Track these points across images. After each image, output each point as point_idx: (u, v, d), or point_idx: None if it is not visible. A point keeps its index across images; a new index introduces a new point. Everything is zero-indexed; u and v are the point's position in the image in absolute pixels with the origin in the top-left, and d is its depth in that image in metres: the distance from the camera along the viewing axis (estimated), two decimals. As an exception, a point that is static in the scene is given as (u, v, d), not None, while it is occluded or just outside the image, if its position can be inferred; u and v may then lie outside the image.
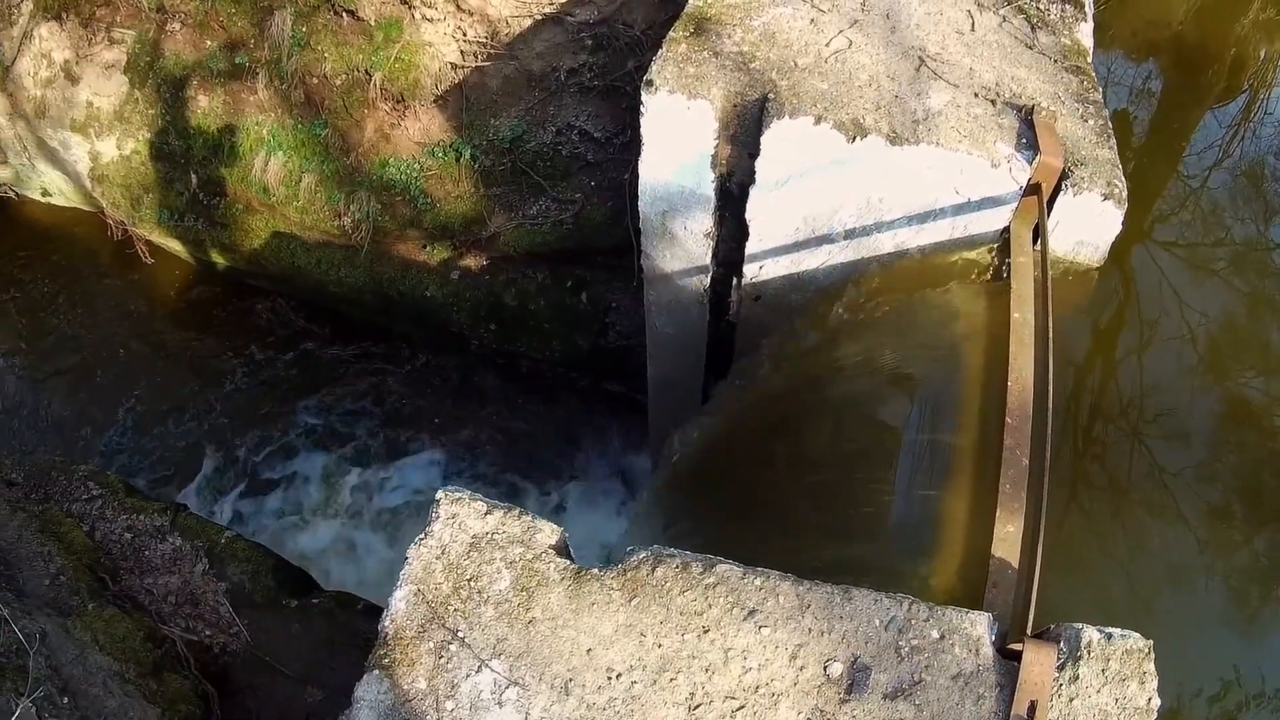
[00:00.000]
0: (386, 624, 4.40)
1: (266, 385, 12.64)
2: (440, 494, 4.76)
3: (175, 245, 13.21)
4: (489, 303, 10.46)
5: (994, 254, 6.34)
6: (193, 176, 11.76)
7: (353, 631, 8.39)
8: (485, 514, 4.63)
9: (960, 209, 6.16)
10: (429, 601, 4.40)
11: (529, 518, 4.62)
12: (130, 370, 13.40)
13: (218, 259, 12.75)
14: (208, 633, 8.36)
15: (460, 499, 4.70)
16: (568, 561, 4.50)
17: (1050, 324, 5.22)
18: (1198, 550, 8.53)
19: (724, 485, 7.80)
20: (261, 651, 8.23)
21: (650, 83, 6.28)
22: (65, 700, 6.32)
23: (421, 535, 4.65)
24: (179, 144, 11.72)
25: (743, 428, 7.59)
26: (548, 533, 4.57)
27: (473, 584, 4.44)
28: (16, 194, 15.93)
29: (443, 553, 4.54)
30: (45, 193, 15.59)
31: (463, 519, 4.63)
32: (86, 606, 7.60)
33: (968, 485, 5.24)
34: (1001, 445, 4.90)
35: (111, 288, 14.46)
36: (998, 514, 4.58)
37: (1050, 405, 4.89)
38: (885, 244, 6.57)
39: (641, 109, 6.45)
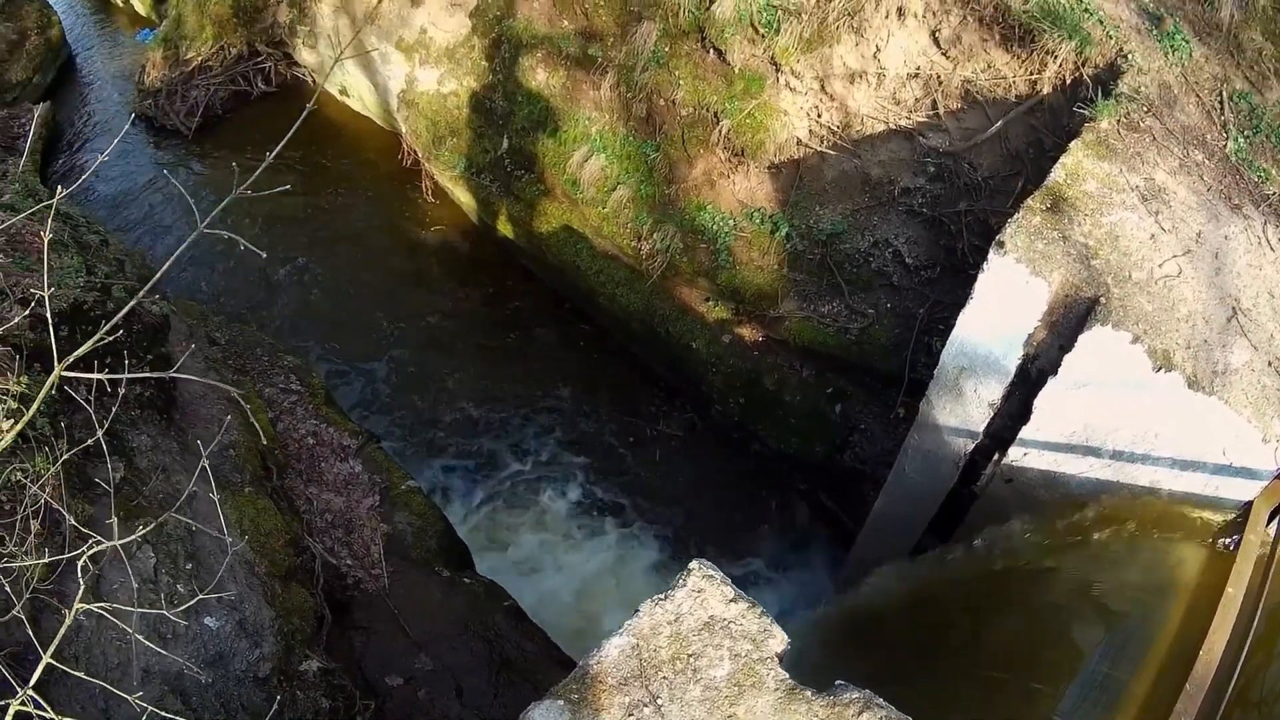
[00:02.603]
0: (591, 663, 4.97)
1: (507, 361, 13.99)
2: (694, 565, 5.34)
3: (462, 195, 14.66)
4: (747, 377, 11.55)
5: (1229, 522, 7.09)
6: (505, 141, 13.19)
7: (489, 623, 9.75)
8: (730, 600, 5.19)
9: (1219, 469, 7.05)
10: (642, 659, 4.96)
11: (767, 620, 5.15)
12: (374, 289, 14.90)
13: (500, 226, 14.12)
14: (349, 562, 9.85)
15: (711, 576, 5.29)
16: (786, 674, 4.98)
17: (1260, 610, 6.00)
18: None
19: (898, 635, 8.76)
20: (393, 602, 9.63)
21: (1001, 244, 7.21)
22: (188, 566, 7.49)
23: (661, 596, 5.22)
24: (502, 105, 13.15)
25: (937, 592, 8.50)
26: (779, 640, 5.08)
27: (692, 660, 4.96)
28: (314, 81, 17.93)
29: (676, 619, 5.12)
30: (344, 92, 17.60)
31: (707, 596, 5.22)
32: (244, 489, 9.00)
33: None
34: (1171, 708, 5.55)
35: (383, 206, 16.11)
36: (1143, 770, 5.13)
37: (1231, 689, 5.56)
38: (1141, 476, 7.44)
39: (984, 266, 7.36)
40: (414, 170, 15.45)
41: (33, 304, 7.35)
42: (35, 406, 4.70)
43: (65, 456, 5.90)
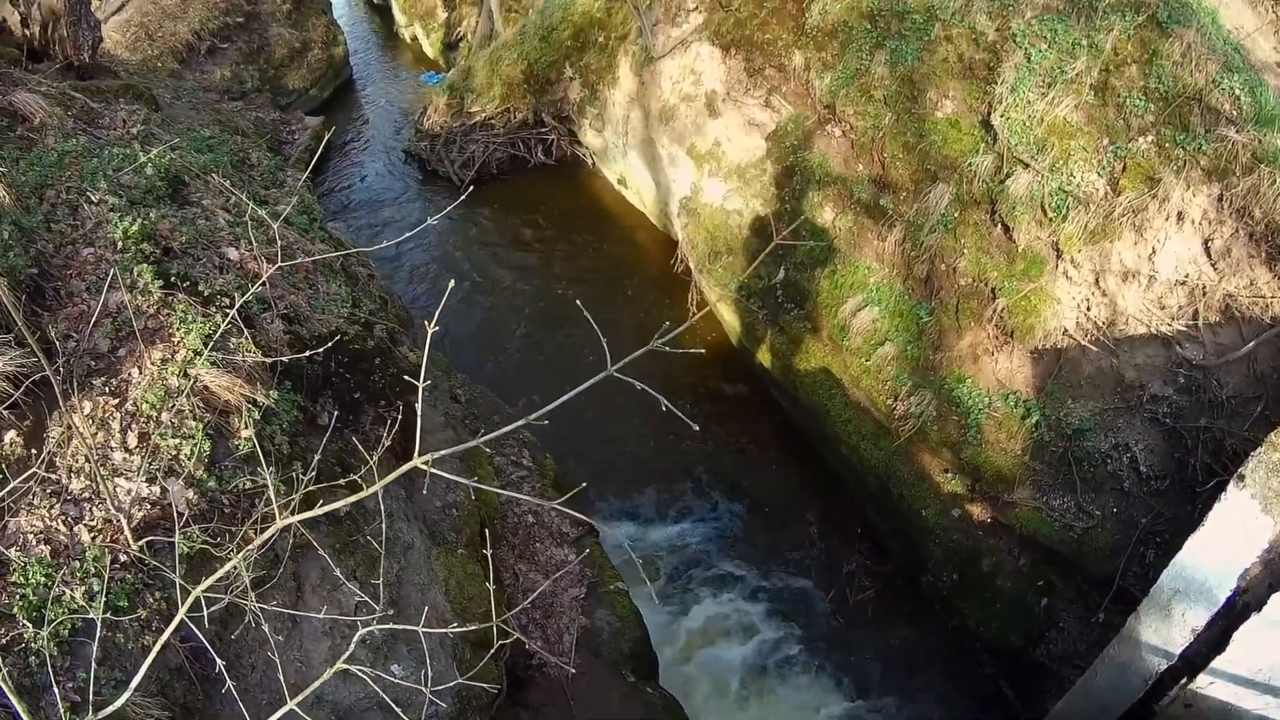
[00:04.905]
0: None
1: (732, 480, 15.38)
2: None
3: (726, 314, 16.33)
4: (966, 555, 12.73)
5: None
6: (781, 271, 14.93)
7: (659, 737, 11.13)
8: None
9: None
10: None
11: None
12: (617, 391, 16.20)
13: (759, 353, 15.65)
14: (539, 645, 11.19)
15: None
16: None
17: None
18: None
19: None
20: (571, 693, 10.88)
21: (1242, 478, 8.32)
22: (389, 610, 8.35)
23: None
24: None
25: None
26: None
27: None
28: (594, 164, 20.31)
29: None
30: (622, 182, 20.12)
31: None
32: (458, 549, 10.06)
33: None
34: None
35: (643, 306, 17.74)
36: None
37: None
38: (1308, 724, 8.56)
39: (1221, 496, 8.47)
40: (681, 278, 17.10)
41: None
42: (380, 486, 4.90)
43: (307, 488, 6.05)
